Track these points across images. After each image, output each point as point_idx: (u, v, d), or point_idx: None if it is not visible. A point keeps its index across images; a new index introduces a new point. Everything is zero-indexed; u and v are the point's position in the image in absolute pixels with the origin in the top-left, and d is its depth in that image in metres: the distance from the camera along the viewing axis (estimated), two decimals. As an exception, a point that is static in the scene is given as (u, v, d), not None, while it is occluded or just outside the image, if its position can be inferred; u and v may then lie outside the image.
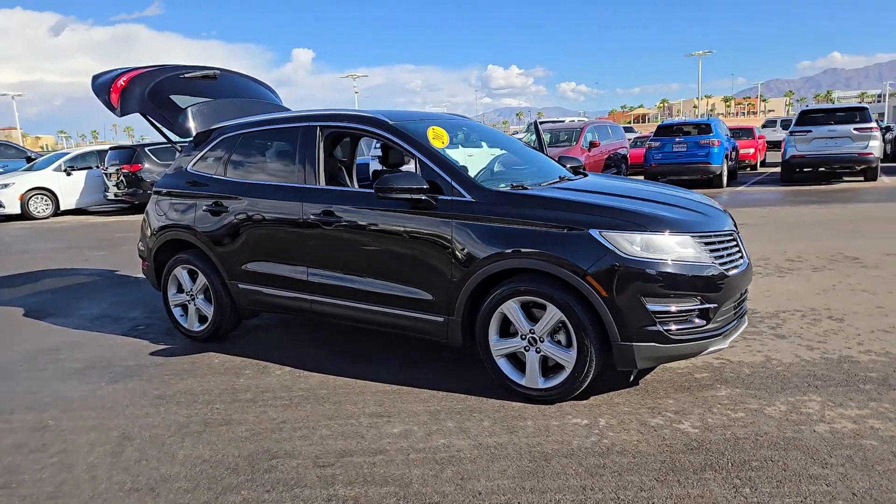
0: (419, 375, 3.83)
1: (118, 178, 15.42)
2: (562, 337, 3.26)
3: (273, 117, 4.45)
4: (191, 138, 4.83)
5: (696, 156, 13.71)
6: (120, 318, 5.53)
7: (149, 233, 4.84)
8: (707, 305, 3.12)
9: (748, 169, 18.68)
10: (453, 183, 3.52)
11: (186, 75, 5.07)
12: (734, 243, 3.44)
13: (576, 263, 3.09)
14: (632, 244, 3.06)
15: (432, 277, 3.53)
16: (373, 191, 3.80)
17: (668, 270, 3.04)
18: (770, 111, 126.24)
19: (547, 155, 4.88)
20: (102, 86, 4.92)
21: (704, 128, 14.30)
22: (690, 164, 13.81)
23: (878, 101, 75.07)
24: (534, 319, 3.31)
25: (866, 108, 13.77)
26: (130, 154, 15.77)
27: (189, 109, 4.84)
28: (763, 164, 20.13)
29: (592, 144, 13.80)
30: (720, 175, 13.81)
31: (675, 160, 14.01)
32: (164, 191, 4.77)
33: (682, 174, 14.06)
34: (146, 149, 15.95)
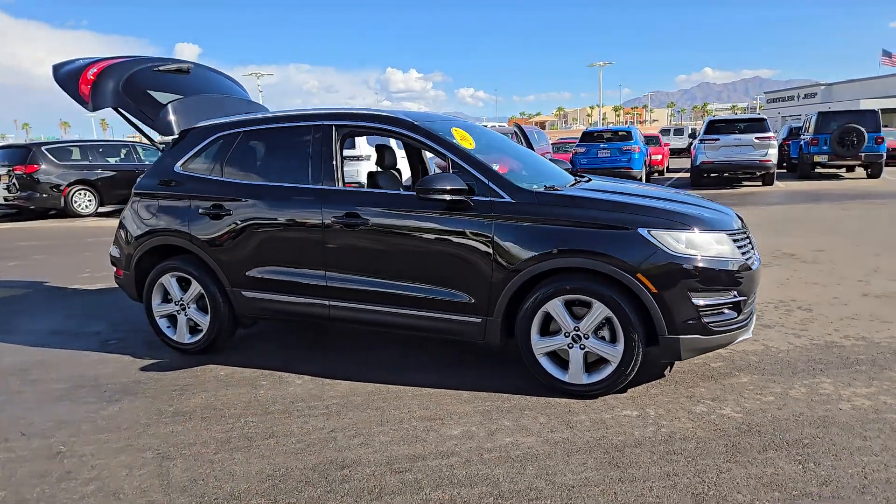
0: (449, 378, 3.82)
1: (9, 181, 14.03)
2: (605, 333, 3.39)
3: (276, 115, 4.27)
4: (173, 136, 4.52)
5: (619, 161, 14.52)
6: (80, 332, 5.06)
7: (128, 238, 4.48)
8: (739, 298, 3.36)
9: (656, 174, 19.98)
10: (490, 184, 3.55)
11: (160, 68, 4.74)
12: (748, 240, 3.72)
13: (626, 261, 3.22)
14: (677, 242, 3.24)
15: (470, 278, 3.54)
16: (401, 192, 3.77)
17: (710, 266, 3.25)
18: (654, 121, 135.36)
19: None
20: (69, 77, 4.51)
21: (625, 135, 15.17)
22: (615, 169, 14.58)
23: (747, 113, 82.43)
24: (574, 317, 3.41)
25: (765, 119, 15.19)
26: (25, 154, 14.42)
27: (170, 105, 4.53)
28: (668, 169, 21.60)
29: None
30: (640, 179, 14.70)
31: (600, 165, 14.75)
32: (149, 192, 4.43)
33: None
34: (43, 148, 14.64)
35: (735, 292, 3.33)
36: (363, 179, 5.35)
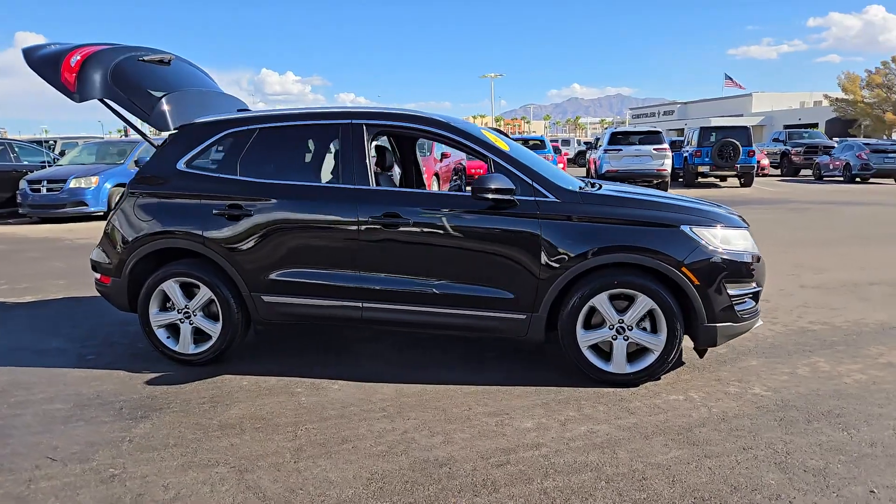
0: (487, 375, 3.89)
1: None
2: (647, 324, 3.62)
3: (297, 113, 4.11)
4: (169, 131, 4.21)
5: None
6: (42, 349, 4.53)
7: (122, 241, 4.09)
8: (757, 289, 3.74)
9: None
10: (534, 184, 3.68)
11: (145, 58, 4.39)
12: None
13: (673, 256, 3.48)
14: (715, 238, 3.55)
15: (516, 276, 3.64)
16: (444, 192, 3.80)
17: (738, 259, 3.59)
18: (533, 132, 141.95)
19: None
20: (46, 63, 4.06)
21: (538, 143, 15.94)
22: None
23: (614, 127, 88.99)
24: (617, 310, 3.61)
25: (661, 132, 16.59)
26: None
27: (164, 99, 4.21)
28: (565, 177, 22.82)
29: (444, 155, 14.45)
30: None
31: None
32: (148, 191, 4.09)
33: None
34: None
35: (754, 283, 3.70)
36: None
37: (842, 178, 21.66)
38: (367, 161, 3.87)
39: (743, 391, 3.57)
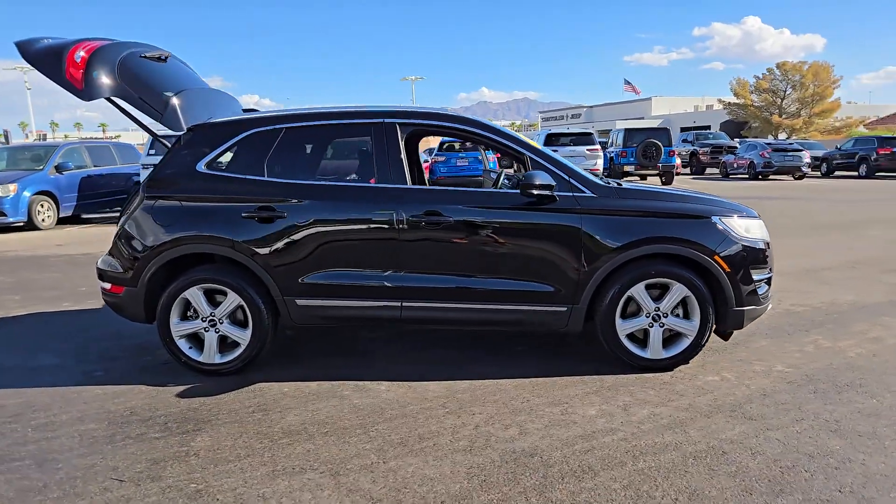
0: (528, 367, 3.97)
1: None
2: (679, 311, 3.84)
3: (324, 112, 4.02)
4: (181, 132, 4.00)
5: (477, 169, 15.43)
6: (39, 367, 4.18)
7: (140, 248, 3.84)
8: (770, 274, 4.04)
9: (490, 182, 21.47)
10: (570, 180, 3.81)
11: (146, 55, 4.15)
12: None
13: (707, 246, 3.70)
14: (740, 228, 3.81)
15: (557, 269, 3.75)
16: (484, 189, 3.86)
17: (758, 247, 3.87)
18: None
19: None
20: (47, 58, 3.75)
21: (475, 147, 16.14)
22: (471, 177, 15.44)
23: (525, 130, 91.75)
24: (652, 299, 3.81)
25: (592, 133, 17.33)
26: None
27: (175, 98, 4.00)
28: (497, 178, 23.30)
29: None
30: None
31: (458, 173, 15.54)
32: (168, 195, 3.86)
33: (465, 185, 15.67)
34: None
35: (769, 268, 4.01)
36: None
37: (747, 176, 23.48)
38: (403, 158, 3.85)
39: (768, 369, 3.86)
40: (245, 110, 4.56)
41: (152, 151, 12.89)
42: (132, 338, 4.75)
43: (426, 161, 15.29)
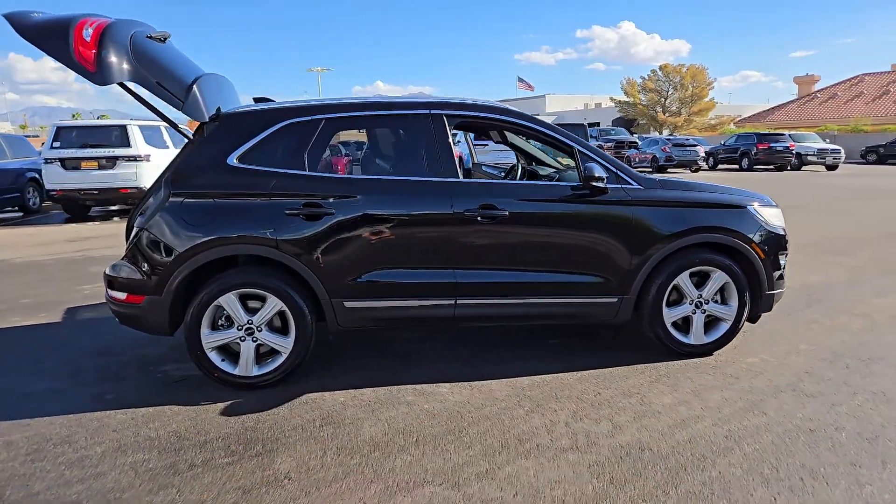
0: (574, 361, 3.96)
1: None
2: (718, 297, 3.98)
3: (366, 102, 3.76)
4: (206, 121, 3.61)
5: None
6: (35, 392, 3.63)
7: (168, 252, 3.42)
8: (786, 260, 4.30)
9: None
10: (618, 172, 3.83)
11: (152, 35, 3.71)
12: None
13: (746, 234, 3.86)
14: (769, 216, 4.01)
15: (609, 261, 3.76)
16: (539, 182, 3.81)
17: (783, 234, 4.09)
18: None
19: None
20: (50, 34, 3.26)
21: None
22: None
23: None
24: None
25: (517, 129, 17.60)
26: None
27: (195, 85, 3.60)
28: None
29: None
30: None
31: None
32: (199, 192, 3.46)
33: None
34: None
35: (786, 253, 4.26)
36: None
37: (650, 169, 24.97)
38: (454, 153, 3.70)
39: (795, 349, 4.10)
40: (256, 99, 4.19)
41: (56, 144, 11.58)
42: (122, 353, 4.25)
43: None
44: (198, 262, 3.42)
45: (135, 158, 11.66)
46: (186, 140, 3.64)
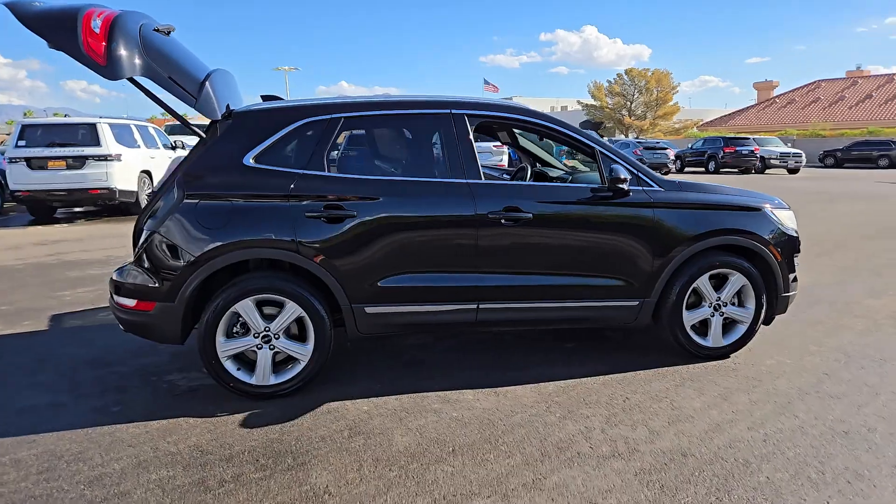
0: (592, 366, 3.91)
1: None
2: (735, 299, 3.99)
3: (384, 101, 3.65)
4: (218, 118, 3.46)
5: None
6: (34, 407, 3.41)
7: (182, 256, 3.25)
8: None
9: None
10: (639, 174, 3.80)
11: (158, 28, 3.54)
12: None
13: (763, 236, 3.88)
14: (784, 218, 4.04)
15: (632, 264, 3.73)
16: (562, 184, 3.77)
17: (796, 236, 4.12)
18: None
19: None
20: (55, 23, 3.06)
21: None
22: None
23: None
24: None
25: (494, 131, 17.61)
26: None
27: (209, 80, 3.44)
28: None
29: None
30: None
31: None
32: (215, 193, 3.30)
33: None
34: None
35: (798, 256, 4.30)
36: None
37: (620, 172, 25.29)
38: (476, 154, 3.62)
39: (806, 350, 4.14)
40: (264, 97, 4.04)
41: (21, 143, 11.07)
42: (120, 363, 4.04)
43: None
44: (214, 266, 3.26)
45: (105, 158, 11.23)
46: (198, 139, 3.46)
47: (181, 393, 3.56)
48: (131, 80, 3.26)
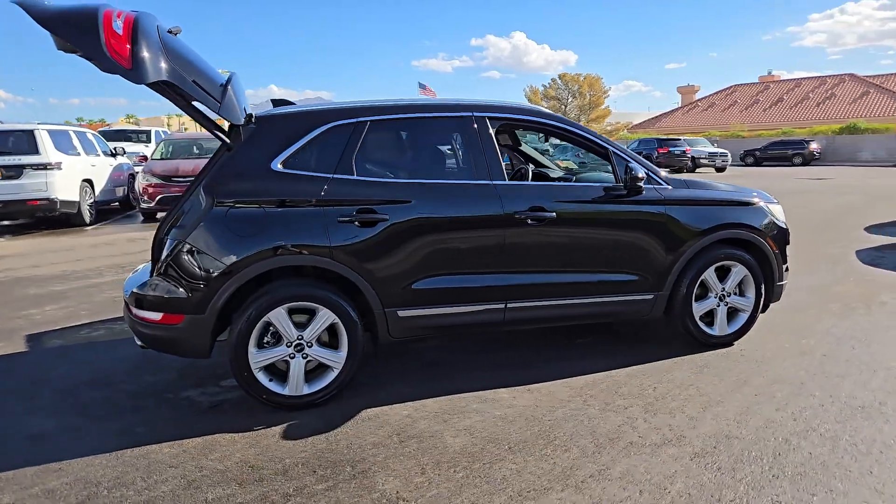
0: (613, 359, 4.03)
1: None
2: (736, 289, 4.20)
3: (408, 104, 3.63)
4: (241, 123, 3.35)
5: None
6: (46, 434, 3.19)
7: (215, 265, 3.12)
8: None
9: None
10: (650, 173, 3.96)
11: (171, 30, 3.40)
12: None
13: (761, 229, 4.10)
14: (776, 211, 4.29)
15: (648, 259, 3.87)
16: (581, 183, 3.88)
17: (786, 228, 4.38)
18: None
19: None
20: (72, 21, 2.86)
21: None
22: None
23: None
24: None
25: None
26: None
27: (231, 84, 3.33)
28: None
29: None
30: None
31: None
32: (242, 199, 3.19)
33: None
34: None
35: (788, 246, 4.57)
36: None
37: (562, 174, 25.96)
38: (499, 154, 3.67)
39: (799, 334, 4.41)
40: (275, 101, 3.94)
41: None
42: (123, 382, 3.84)
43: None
44: (248, 275, 3.15)
45: (45, 167, 10.57)
46: (221, 143, 3.33)
47: (205, 409, 3.42)
48: (154, 84, 3.10)
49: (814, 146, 33.07)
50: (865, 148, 34.58)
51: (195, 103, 3.30)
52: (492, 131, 3.68)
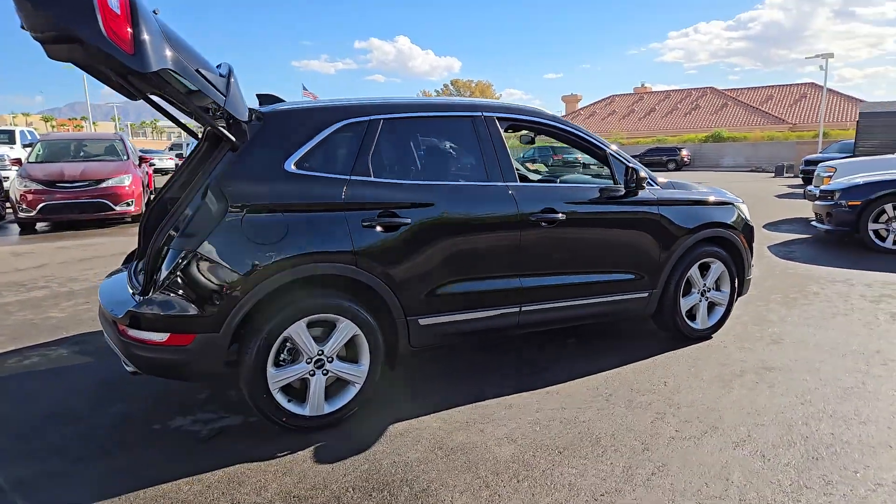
0: (608, 357, 4.10)
1: None
2: (714, 285, 4.44)
3: (419, 103, 3.48)
4: (245, 118, 3.06)
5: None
6: (24, 479, 2.71)
7: (232, 277, 2.80)
8: (747, 247, 4.93)
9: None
10: (647, 175, 4.08)
11: (156, 11, 3.05)
12: None
13: (735, 227, 4.37)
14: (745, 210, 4.58)
15: (646, 257, 3.99)
16: (586, 185, 3.93)
17: (752, 225, 4.68)
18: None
19: None
20: (68, 4, 2.49)
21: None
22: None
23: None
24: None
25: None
26: None
27: (233, 76, 3.03)
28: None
29: (142, 160, 12.23)
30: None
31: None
32: (257, 203, 2.89)
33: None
34: None
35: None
36: None
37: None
38: (511, 156, 3.62)
39: (761, 323, 4.74)
40: (259, 96, 3.64)
41: None
42: (90, 416, 3.36)
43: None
44: (268, 287, 2.87)
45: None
46: (230, 144, 3.00)
47: (208, 438, 3.07)
48: (154, 75, 2.74)
49: (685, 153, 36.08)
50: (728, 154, 38.23)
51: (191, 98, 2.97)
52: (502, 131, 3.63)
